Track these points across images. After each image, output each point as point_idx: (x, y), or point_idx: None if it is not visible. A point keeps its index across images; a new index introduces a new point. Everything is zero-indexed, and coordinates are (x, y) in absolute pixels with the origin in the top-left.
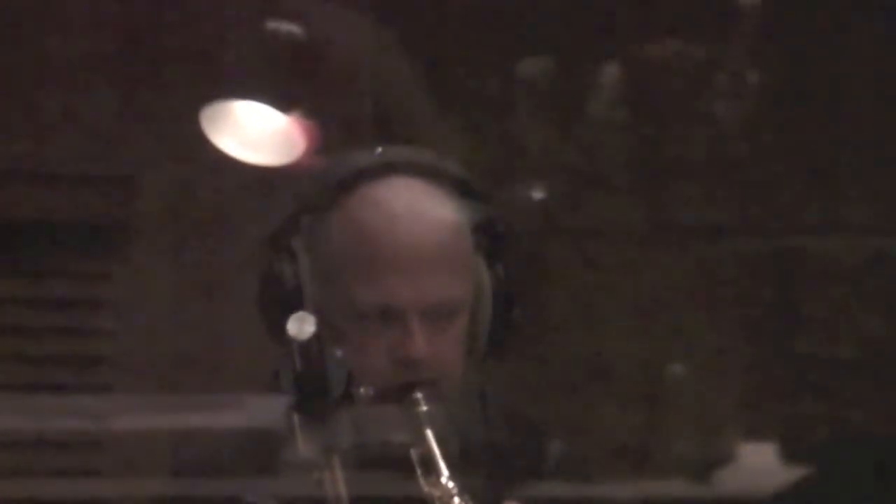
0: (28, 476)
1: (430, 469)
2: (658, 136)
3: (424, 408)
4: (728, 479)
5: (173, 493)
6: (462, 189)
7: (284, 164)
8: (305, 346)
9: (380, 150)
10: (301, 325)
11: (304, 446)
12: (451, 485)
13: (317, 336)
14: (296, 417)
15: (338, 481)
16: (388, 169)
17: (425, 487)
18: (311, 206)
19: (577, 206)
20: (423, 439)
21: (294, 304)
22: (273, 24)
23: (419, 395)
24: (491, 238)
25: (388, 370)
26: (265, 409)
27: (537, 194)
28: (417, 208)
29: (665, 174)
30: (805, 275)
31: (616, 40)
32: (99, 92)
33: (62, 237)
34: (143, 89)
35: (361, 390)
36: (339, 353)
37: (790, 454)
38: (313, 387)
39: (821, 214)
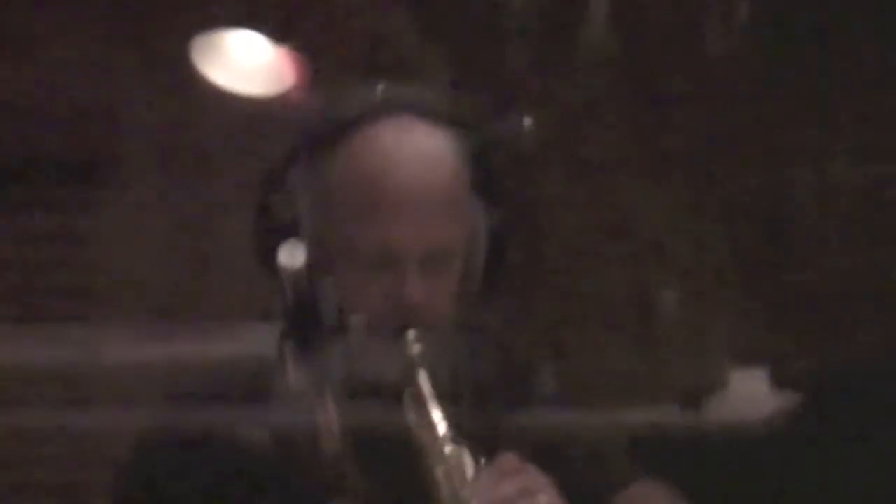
0: (21, 406)
1: (422, 410)
2: (650, 66)
3: (416, 348)
4: (719, 406)
5: (165, 422)
6: (462, 130)
7: (274, 96)
8: (297, 275)
9: (382, 87)
10: (292, 255)
11: (295, 376)
12: (443, 430)
13: (308, 266)
14: (287, 347)
15: (329, 411)
16: (394, 109)
17: (417, 429)
18: (313, 142)
19: (569, 136)
20: (415, 380)
21: (290, 237)
22: None
23: (411, 335)
24: (487, 179)
25: (382, 312)
26: (257, 339)
27: (527, 125)
28: (422, 154)
29: (657, 105)
30: (797, 204)
31: None
32: (87, 25)
33: (51, 171)
34: (131, 20)
35: (353, 319)
36: (330, 282)
37: (781, 381)
38: (305, 316)
39: (812, 144)
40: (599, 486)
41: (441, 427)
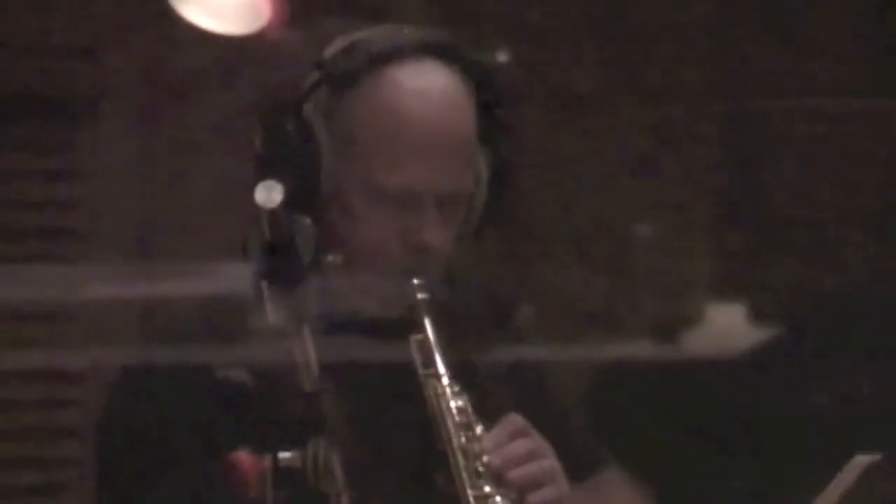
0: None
1: (428, 359)
2: (614, 12)
3: (423, 295)
4: (695, 340)
5: (145, 361)
6: (474, 75)
7: (249, 34)
8: (274, 214)
9: (406, 30)
10: (269, 194)
11: (272, 313)
12: (448, 382)
13: (285, 204)
14: (264, 285)
15: (307, 347)
16: (417, 51)
17: (422, 374)
18: (335, 79)
19: (544, 71)
20: (423, 327)
21: (308, 169)
22: None
23: (418, 283)
24: (492, 125)
25: (396, 251)
26: (233, 277)
27: (502, 59)
28: (446, 97)
29: (631, 38)
30: (770, 137)
31: None
32: None
33: (31, 109)
34: None
35: (330, 258)
36: (307, 221)
37: (757, 315)
38: (282, 255)
39: (785, 77)
40: (571, 465)
41: (446, 378)
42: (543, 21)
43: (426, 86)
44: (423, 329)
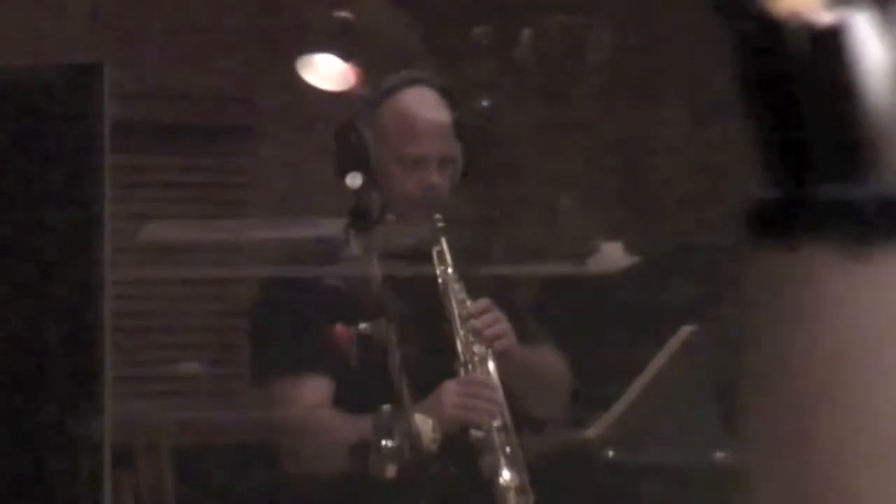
0: (191, 266)
1: (443, 262)
2: (557, 69)
3: (441, 224)
4: (595, 263)
5: (282, 274)
6: (443, 93)
7: (344, 90)
8: (357, 191)
9: (404, 71)
10: (353, 180)
11: (355, 248)
12: (454, 275)
13: (364, 185)
14: (351, 231)
15: (374, 267)
16: (413, 82)
17: (440, 275)
18: (368, 102)
19: (505, 116)
20: (440, 243)
21: (363, 157)
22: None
23: (438, 216)
24: (458, 125)
25: (416, 192)
26: (334, 227)
27: (484, 104)
28: (435, 103)
29: (559, 92)
30: (645, 150)
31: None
32: (243, 46)
33: (212, 133)
34: (265, 45)
35: (389, 216)
36: (376, 195)
37: (633, 250)
38: (361, 214)
39: (648, 115)
40: (518, 333)
41: (452, 271)
42: (505, 80)
43: (420, 98)
44: (440, 243)
